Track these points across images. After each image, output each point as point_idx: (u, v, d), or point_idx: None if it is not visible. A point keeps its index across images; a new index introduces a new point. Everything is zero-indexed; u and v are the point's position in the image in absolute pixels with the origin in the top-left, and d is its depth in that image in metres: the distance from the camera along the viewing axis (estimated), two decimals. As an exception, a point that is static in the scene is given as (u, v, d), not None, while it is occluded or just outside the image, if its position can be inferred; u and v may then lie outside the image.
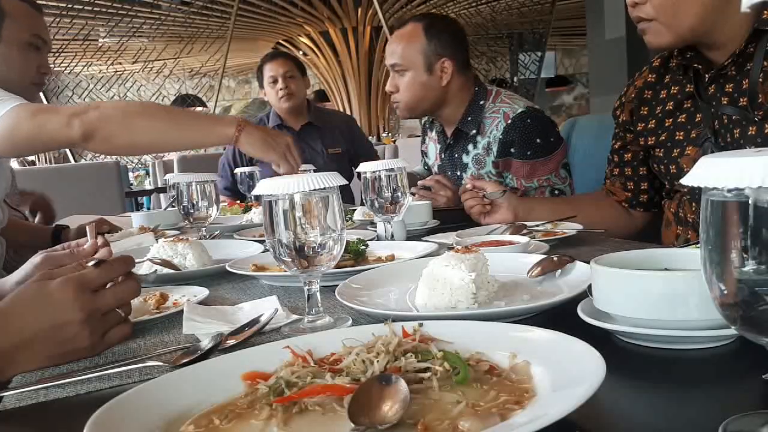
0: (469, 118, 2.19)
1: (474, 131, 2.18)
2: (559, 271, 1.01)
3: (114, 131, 1.60)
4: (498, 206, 1.70)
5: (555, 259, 1.03)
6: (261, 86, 3.59)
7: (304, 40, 10.95)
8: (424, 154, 2.60)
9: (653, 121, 1.55)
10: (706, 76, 1.38)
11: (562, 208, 1.71)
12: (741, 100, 1.32)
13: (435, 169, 2.48)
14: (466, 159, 2.24)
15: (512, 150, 2.10)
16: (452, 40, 2.18)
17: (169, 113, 1.81)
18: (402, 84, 2.19)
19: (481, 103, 2.18)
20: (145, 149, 2.01)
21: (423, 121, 2.61)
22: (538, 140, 2.08)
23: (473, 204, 1.73)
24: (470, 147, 2.21)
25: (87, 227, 1.30)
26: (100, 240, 1.27)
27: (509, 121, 2.09)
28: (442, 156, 2.38)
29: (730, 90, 1.34)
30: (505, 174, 2.15)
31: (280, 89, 3.44)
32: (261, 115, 3.75)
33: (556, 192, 2.10)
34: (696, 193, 1.46)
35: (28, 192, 2.69)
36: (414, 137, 7.96)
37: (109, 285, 0.87)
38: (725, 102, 1.35)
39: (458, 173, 2.29)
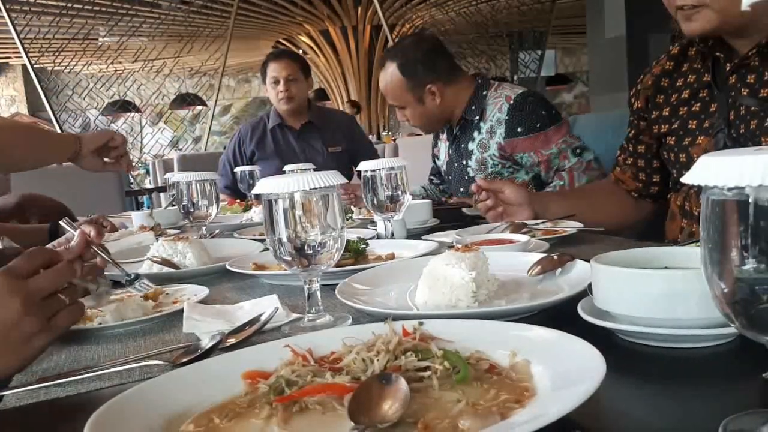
0: (473, 107, 2.29)
1: (477, 117, 2.27)
2: (560, 269, 1.01)
3: None
4: (516, 206, 1.63)
5: (555, 257, 1.03)
6: (264, 82, 3.58)
7: (304, 39, 10.95)
8: (435, 157, 2.66)
9: (668, 109, 1.53)
10: (728, 65, 1.37)
11: (575, 201, 1.70)
12: (762, 91, 1.30)
13: (444, 167, 2.54)
14: (471, 146, 2.31)
15: (519, 129, 2.17)
16: (427, 63, 2.27)
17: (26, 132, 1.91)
18: (408, 116, 2.39)
19: (484, 93, 2.29)
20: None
21: None
22: (543, 112, 2.19)
23: (490, 205, 1.64)
24: (475, 134, 2.29)
25: (61, 222, 1.23)
26: (89, 230, 1.20)
27: (512, 102, 2.19)
28: (450, 151, 2.45)
29: (752, 81, 1.33)
30: (516, 155, 2.21)
31: (281, 92, 3.43)
32: (262, 113, 3.75)
33: (578, 151, 2.16)
34: None
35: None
36: (414, 136, 7.94)
37: None
38: (745, 93, 1.34)
39: (464, 162, 2.36)
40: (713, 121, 1.41)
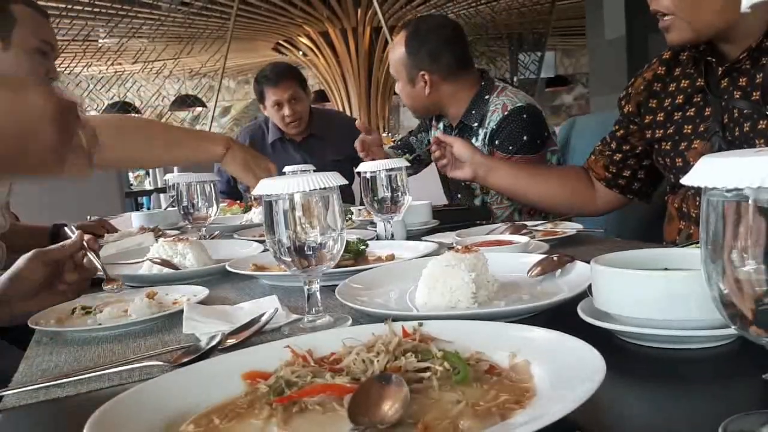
0: (473, 112, 2.24)
1: (476, 124, 2.23)
2: (559, 270, 1.01)
3: (105, 144, 1.66)
4: (462, 163, 1.80)
5: (555, 258, 1.03)
6: (260, 101, 3.38)
7: (304, 40, 10.94)
8: (418, 139, 2.66)
9: (662, 114, 1.54)
10: (720, 69, 1.37)
11: (523, 176, 1.82)
12: (754, 94, 1.31)
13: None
14: None
15: (496, 141, 2.15)
16: (435, 51, 2.20)
17: (161, 130, 1.89)
18: (397, 90, 2.37)
19: (486, 97, 2.23)
20: (133, 164, 2.08)
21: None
22: (525, 138, 2.13)
23: (439, 156, 1.84)
24: (473, 140, 2.25)
25: (66, 229, 1.31)
26: (87, 235, 1.29)
27: (506, 113, 2.15)
28: None
29: (744, 84, 1.33)
30: None
31: (287, 116, 3.27)
32: (261, 122, 3.56)
33: None
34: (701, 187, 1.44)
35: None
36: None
37: None
38: (738, 96, 1.34)
39: None
40: (708, 125, 1.42)
